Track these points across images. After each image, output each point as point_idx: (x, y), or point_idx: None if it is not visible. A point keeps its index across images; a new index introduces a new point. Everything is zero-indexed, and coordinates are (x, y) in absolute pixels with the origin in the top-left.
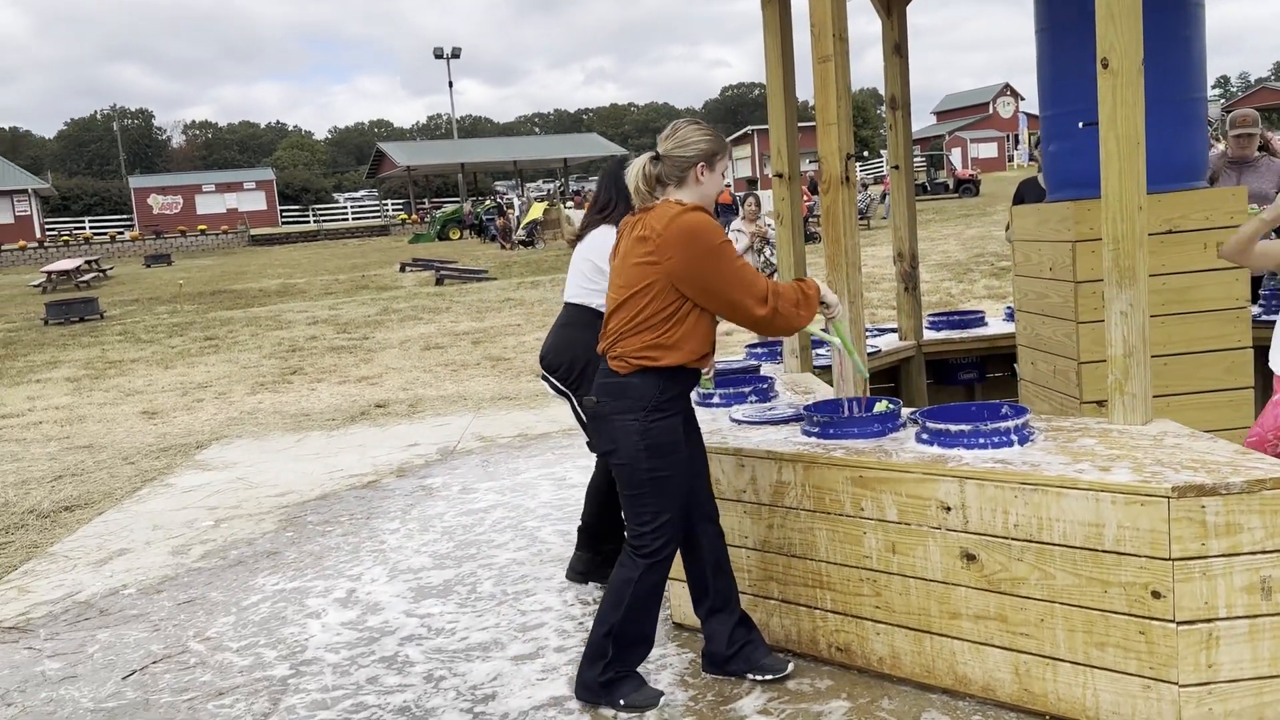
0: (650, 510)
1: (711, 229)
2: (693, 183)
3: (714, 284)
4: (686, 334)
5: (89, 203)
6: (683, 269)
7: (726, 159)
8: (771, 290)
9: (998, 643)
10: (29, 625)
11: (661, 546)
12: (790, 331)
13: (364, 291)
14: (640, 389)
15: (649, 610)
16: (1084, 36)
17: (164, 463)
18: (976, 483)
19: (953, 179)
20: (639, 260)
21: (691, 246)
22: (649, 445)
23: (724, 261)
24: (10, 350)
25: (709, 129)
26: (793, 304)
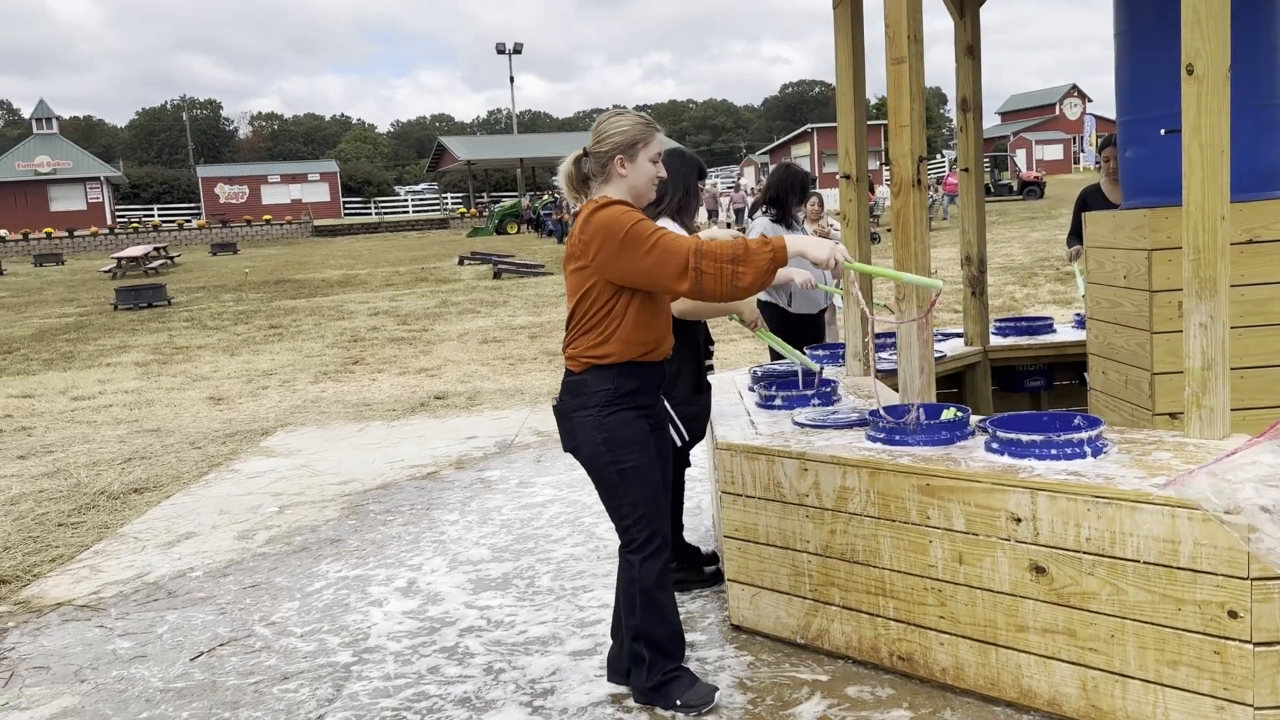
0: (627, 503)
1: (620, 217)
2: (615, 177)
3: (634, 270)
4: (628, 326)
5: (158, 191)
6: (605, 264)
7: (651, 145)
8: (695, 253)
9: (1065, 657)
10: (100, 604)
11: (649, 538)
12: (737, 293)
13: (423, 284)
14: (594, 385)
15: (663, 603)
16: (1165, 41)
17: (230, 448)
18: (1049, 494)
19: (1017, 181)
20: (574, 267)
21: (606, 241)
22: (607, 439)
23: (637, 245)
24: (82, 334)
25: (630, 117)
26: (727, 260)
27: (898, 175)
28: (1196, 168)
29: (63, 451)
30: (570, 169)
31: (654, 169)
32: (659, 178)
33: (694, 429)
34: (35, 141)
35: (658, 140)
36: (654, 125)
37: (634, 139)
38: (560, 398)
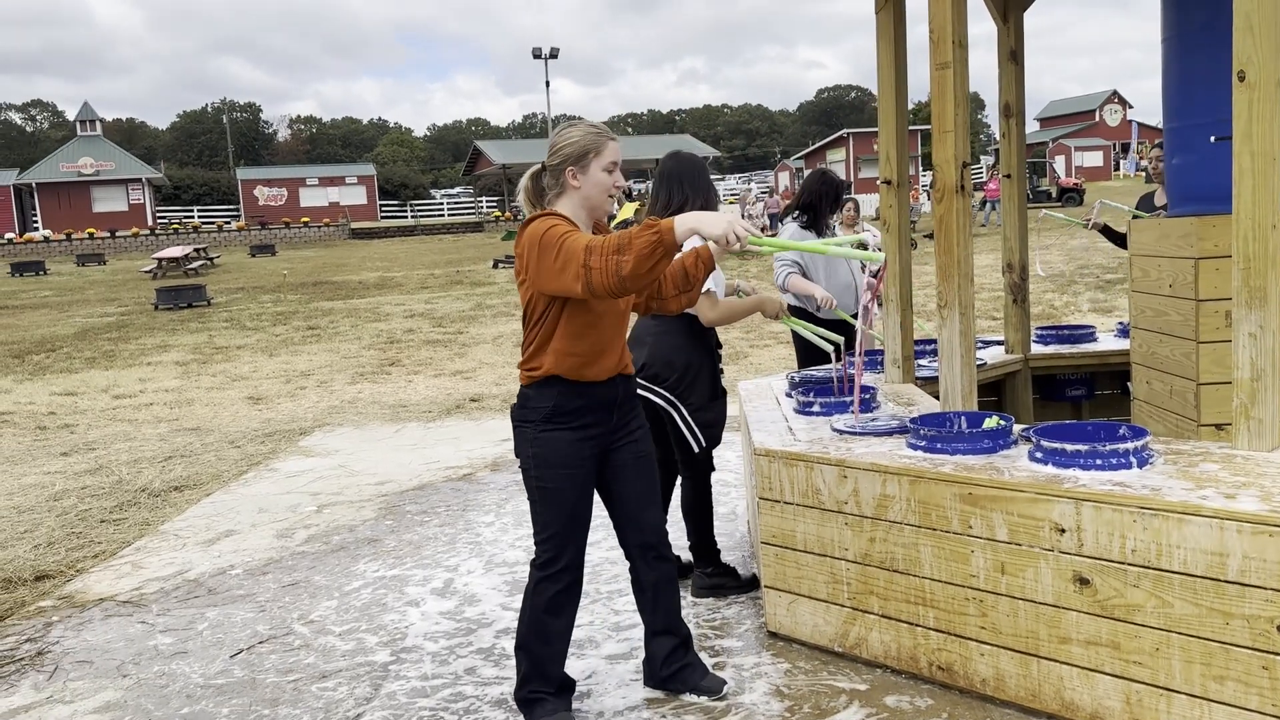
0: (540, 520)
1: (538, 227)
2: (569, 188)
3: (550, 278)
4: (558, 337)
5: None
6: (534, 277)
7: (603, 155)
8: (585, 250)
9: (1109, 670)
10: (142, 600)
11: (551, 559)
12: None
13: (458, 286)
14: (534, 400)
15: (549, 627)
16: (1215, 47)
17: (269, 447)
18: (1094, 505)
19: (1056, 187)
20: (519, 284)
21: (530, 252)
22: (536, 454)
23: (549, 252)
24: (123, 333)
25: (581, 128)
26: (612, 251)
27: (941, 181)
28: (1247, 175)
29: (105, 449)
30: (528, 184)
31: (608, 178)
32: (616, 187)
33: (711, 435)
34: (79, 143)
35: (610, 149)
36: (606, 134)
37: (585, 149)
38: (512, 409)
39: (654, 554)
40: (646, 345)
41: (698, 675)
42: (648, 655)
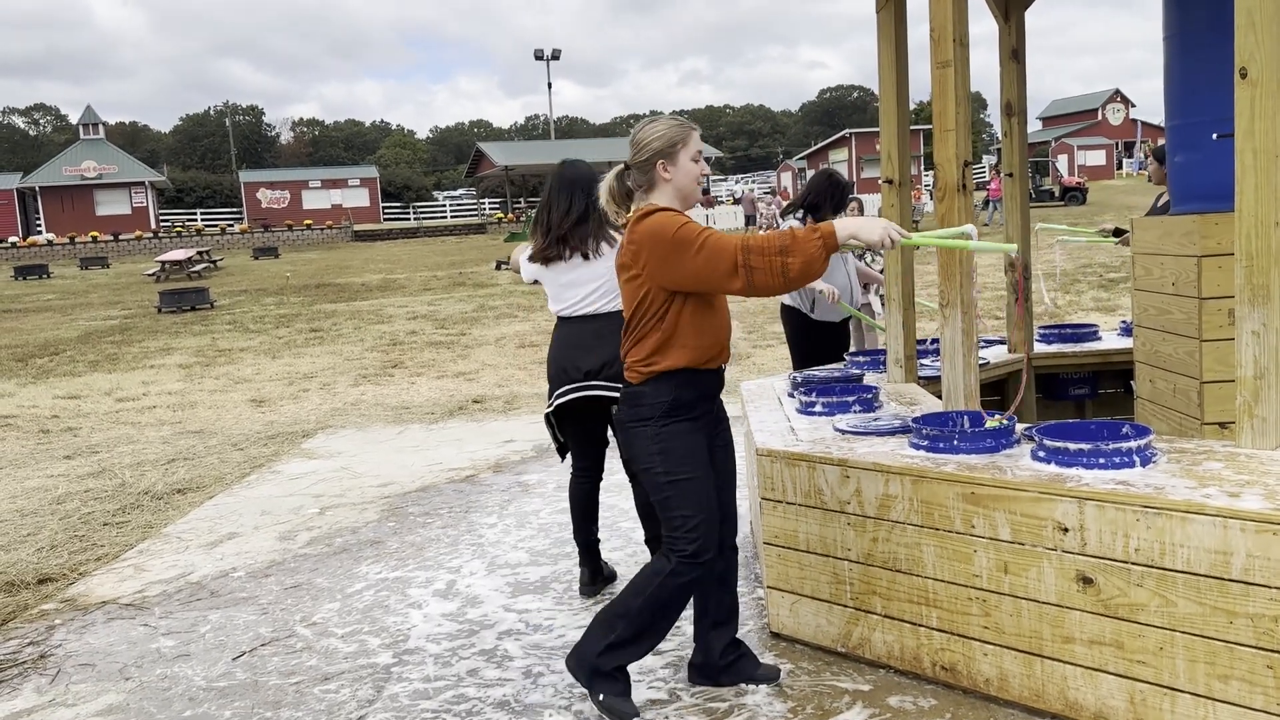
0: (679, 514)
1: (667, 223)
2: (660, 182)
3: (685, 272)
4: (684, 333)
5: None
6: (656, 270)
7: (689, 144)
8: (743, 250)
9: (1112, 670)
10: (145, 603)
11: (700, 549)
12: (790, 284)
13: (461, 288)
14: (651, 397)
15: (669, 609)
16: (1217, 44)
17: (271, 450)
18: (1096, 504)
19: (1059, 186)
20: (626, 278)
21: (655, 247)
22: (662, 450)
23: (686, 248)
24: (126, 336)
25: (665, 121)
26: (775, 252)
27: (942, 180)
28: (1249, 173)
29: (108, 452)
30: (613, 184)
31: (696, 167)
32: (703, 175)
33: None
34: (82, 147)
35: (695, 139)
36: (689, 125)
37: (672, 140)
38: (619, 408)
39: (728, 543)
40: (600, 346)
41: (753, 665)
42: (703, 647)
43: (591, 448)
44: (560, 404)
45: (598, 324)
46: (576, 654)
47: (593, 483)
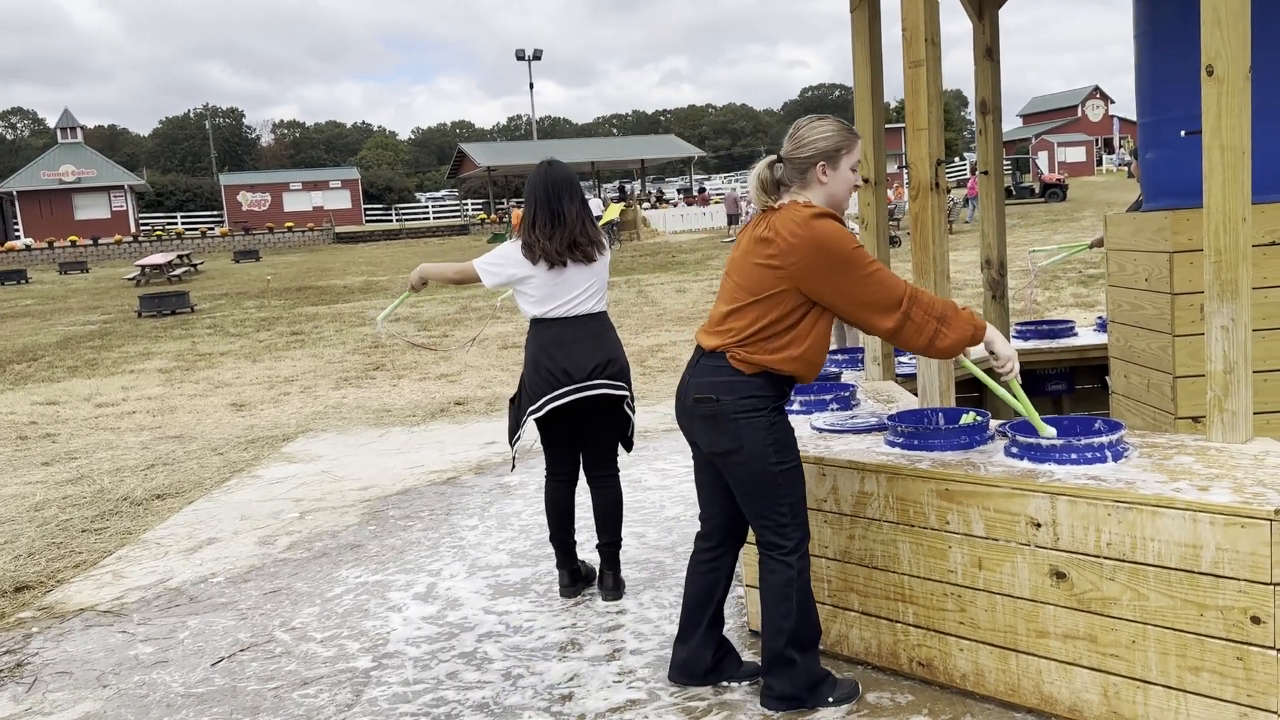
0: (786, 502)
1: (841, 238)
2: (815, 184)
3: (841, 292)
4: (811, 341)
5: (181, 199)
6: (809, 278)
7: (853, 153)
8: (909, 297)
9: (1086, 663)
10: (123, 609)
11: (803, 537)
12: (929, 351)
13: (444, 290)
14: (766, 388)
15: (812, 603)
16: (1186, 41)
17: (251, 454)
18: (1069, 499)
19: (1039, 183)
20: (761, 262)
21: (819, 257)
22: (777, 439)
23: (853, 270)
24: (106, 341)
25: (833, 124)
26: (935, 316)
27: (916, 178)
28: (1217, 169)
29: (86, 458)
30: (765, 173)
31: (854, 177)
32: (856, 187)
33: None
34: (60, 150)
35: (859, 147)
36: (855, 132)
37: (838, 145)
38: (718, 397)
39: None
40: (600, 346)
41: (735, 664)
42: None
43: (571, 448)
44: (555, 406)
45: (593, 324)
46: (776, 699)
47: (571, 486)
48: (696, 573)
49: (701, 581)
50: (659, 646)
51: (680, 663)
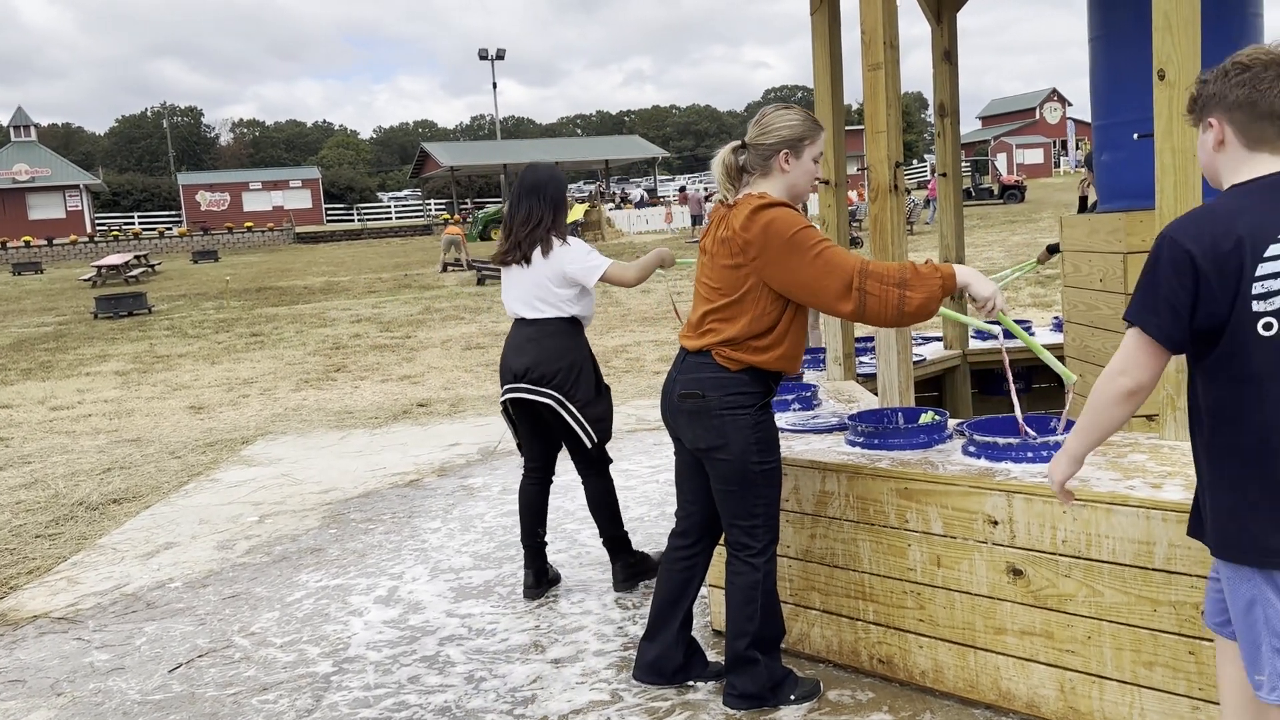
0: (762, 503)
1: (787, 221)
2: (777, 172)
3: (794, 278)
4: (793, 335)
5: (139, 199)
6: (766, 270)
7: (816, 143)
8: (860, 273)
9: (1043, 659)
10: (78, 616)
11: (772, 540)
12: (902, 319)
13: (406, 290)
14: (752, 385)
15: (778, 606)
16: (1139, 46)
17: (210, 457)
18: (1025, 497)
19: (998, 185)
20: (727, 263)
21: (770, 242)
22: (760, 438)
23: (801, 252)
24: (61, 343)
25: (798, 113)
26: (894, 284)
27: (875, 181)
28: (1169, 172)
29: (41, 462)
30: (729, 158)
31: (815, 168)
32: (818, 179)
33: (601, 430)
34: (13, 149)
35: (822, 139)
36: (819, 123)
37: (801, 135)
38: (704, 394)
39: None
40: (529, 350)
41: (702, 664)
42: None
43: (539, 445)
44: (502, 401)
45: (531, 329)
46: (739, 697)
47: (542, 484)
48: (671, 570)
49: (676, 579)
50: (622, 648)
51: (649, 662)
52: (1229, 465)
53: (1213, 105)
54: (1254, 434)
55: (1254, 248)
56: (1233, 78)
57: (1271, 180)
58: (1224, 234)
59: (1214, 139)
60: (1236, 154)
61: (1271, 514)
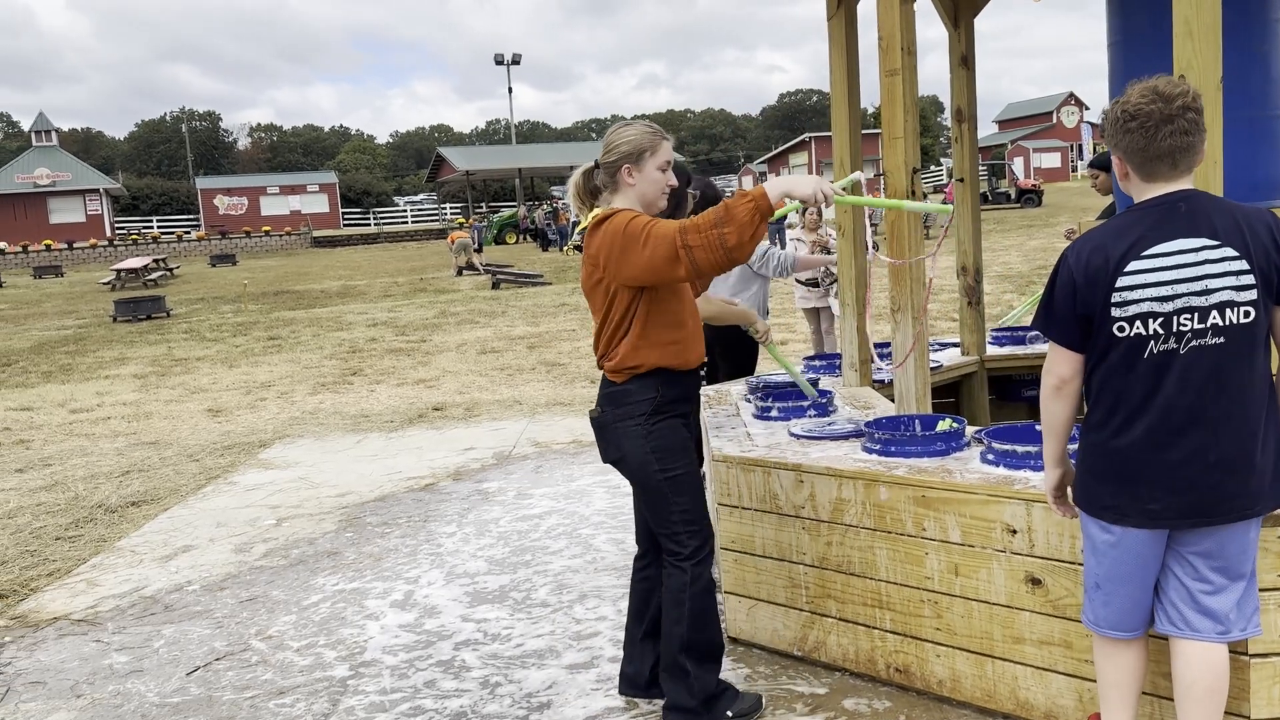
0: (677, 511)
1: (620, 219)
2: (624, 185)
3: (637, 266)
4: (654, 331)
5: (157, 202)
6: (614, 270)
7: (659, 153)
8: (680, 232)
9: (1062, 669)
10: (97, 618)
11: (700, 545)
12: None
13: (422, 294)
14: (637, 394)
15: (711, 613)
16: (1159, 51)
17: (228, 460)
18: (1044, 506)
19: (1015, 189)
20: (593, 284)
21: (609, 246)
22: (656, 446)
23: (635, 242)
24: (80, 346)
25: (637, 127)
26: (711, 226)
27: (892, 187)
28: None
29: (60, 464)
30: (580, 180)
31: (663, 177)
32: (670, 185)
33: None
34: (34, 154)
35: (665, 148)
36: (661, 134)
37: (640, 147)
38: (602, 409)
39: None
40: None
41: None
42: (636, 656)
43: None
44: None
45: None
46: (675, 709)
47: None
48: (633, 587)
49: (636, 595)
50: None
51: (625, 675)
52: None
53: (1114, 147)
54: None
55: (1119, 262)
56: (1123, 126)
57: (1160, 200)
58: (1097, 250)
59: (1120, 172)
60: (1138, 184)
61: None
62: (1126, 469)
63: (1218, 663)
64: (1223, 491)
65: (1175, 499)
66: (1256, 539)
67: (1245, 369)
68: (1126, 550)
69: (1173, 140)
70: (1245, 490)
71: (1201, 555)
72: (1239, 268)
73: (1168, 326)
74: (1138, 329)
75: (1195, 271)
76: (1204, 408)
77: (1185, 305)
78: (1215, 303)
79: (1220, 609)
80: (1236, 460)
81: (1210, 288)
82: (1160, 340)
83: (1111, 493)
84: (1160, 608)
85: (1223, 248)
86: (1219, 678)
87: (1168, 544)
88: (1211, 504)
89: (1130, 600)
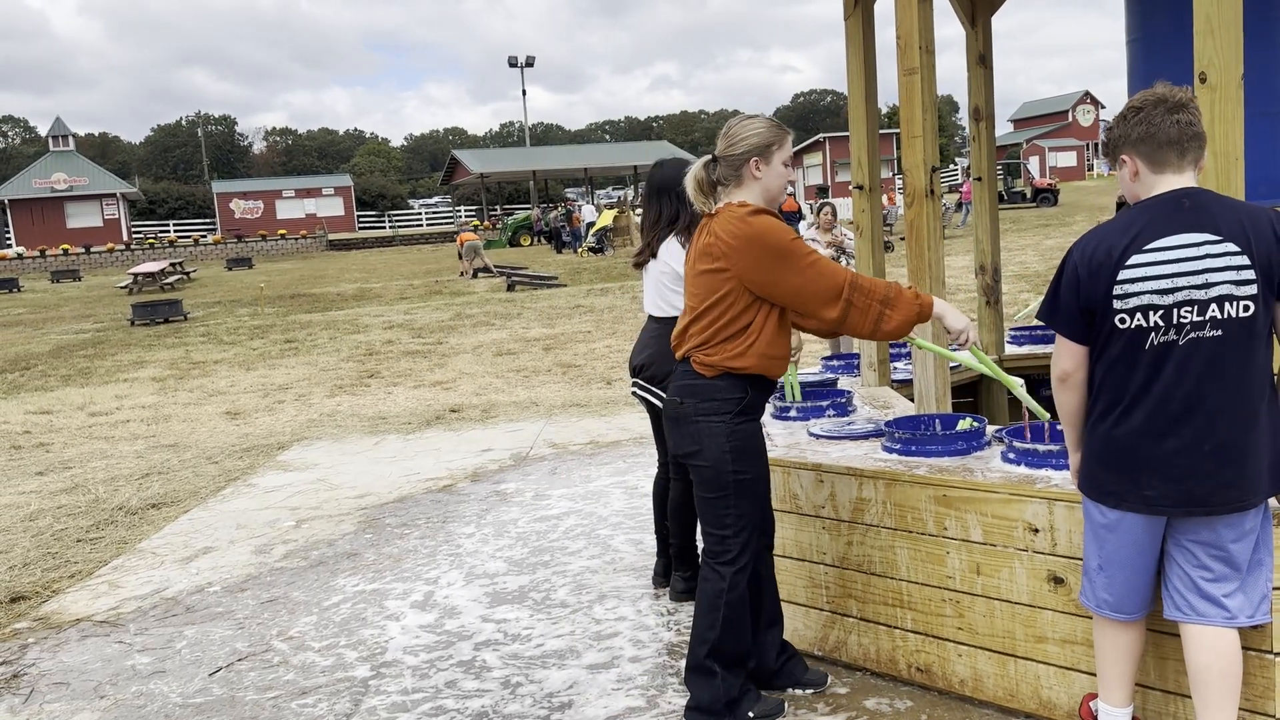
0: (734, 514)
1: (777, 231)
2: (750, 179)
3: (784, 286)
4: (765, 341)
5: (174, 206)
6: (752, 275)
7: (784, 148)
8: (849, 284)
9: (1085, 668)
10: (120, 620)
11: (743, 551)
12: (876, 334)
13: (437, 296)
14: (727, 391)
15: (744, 620)
16: (1179, 48)
17: (246, 463)
18: (1066, 504)
19: (1030, 188)
20: (708, 268)
21: (758, 251)
22: (735, 448)
23: (792, 262)
24: (99, 350)
25: (763, 120)
26: (878, 300)
27: (910, 186)
28: (1211, 176)
29: (81, 467)
30: (701, 174)
31: (786, 172)
32: (790, 181)
33: None
34: (52, 159)
35: (789, 143)
36: (785, 128)
37: (768, 141)
38: (682, 400)
39: (768, 546)
40: (649, 346)
41: (801, 668)
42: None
43: (661, 440)
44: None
45: (656, 326)
46: (697, 710)
47: (665, 478)
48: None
49: None
50: (657, 654)
51: None
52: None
53: (1122, 145)
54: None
55: (1121, 255)
56: (1130, 119)
57: (1165, 196)
58: (1100, 244)
59: (1129, 172)
60: (1147, 179)
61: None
62: (1126, 456)
63: (1228, 648)
64: (1218, 480)
65: (1172, 487)
66: (1255, 529)
67: (1244, 361)
68: (1124, 534)
69: (1179, 127)
70: (1241, 480)
71: (1201, 544)
72: (1240, 263)
73: (1168, 319)
74: (1139, 321)
75: (1196, 265)
76: (1201, 397)
77: (1186, 298)
78: (1214, 296)
79: (1224, 596)
80: (1232, 450)
81: (1210, 281)
82: (1161, 332)
83: (1112, 479)
84: (1166, 594)
85: (1224, 243)
86: (1231, 662)
87: (1169, 531)
88: (1207, 494)
89: (1130, 584)
